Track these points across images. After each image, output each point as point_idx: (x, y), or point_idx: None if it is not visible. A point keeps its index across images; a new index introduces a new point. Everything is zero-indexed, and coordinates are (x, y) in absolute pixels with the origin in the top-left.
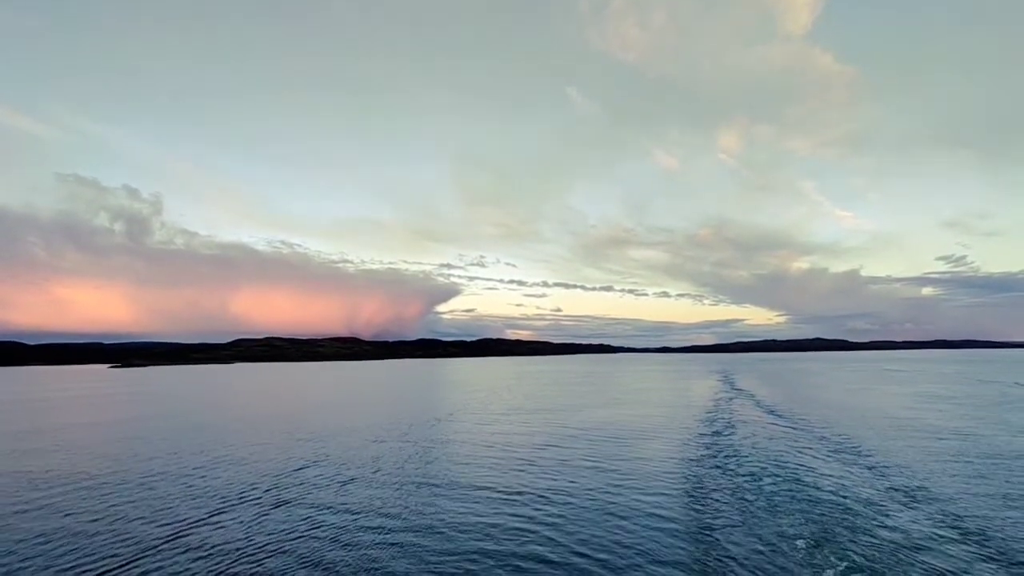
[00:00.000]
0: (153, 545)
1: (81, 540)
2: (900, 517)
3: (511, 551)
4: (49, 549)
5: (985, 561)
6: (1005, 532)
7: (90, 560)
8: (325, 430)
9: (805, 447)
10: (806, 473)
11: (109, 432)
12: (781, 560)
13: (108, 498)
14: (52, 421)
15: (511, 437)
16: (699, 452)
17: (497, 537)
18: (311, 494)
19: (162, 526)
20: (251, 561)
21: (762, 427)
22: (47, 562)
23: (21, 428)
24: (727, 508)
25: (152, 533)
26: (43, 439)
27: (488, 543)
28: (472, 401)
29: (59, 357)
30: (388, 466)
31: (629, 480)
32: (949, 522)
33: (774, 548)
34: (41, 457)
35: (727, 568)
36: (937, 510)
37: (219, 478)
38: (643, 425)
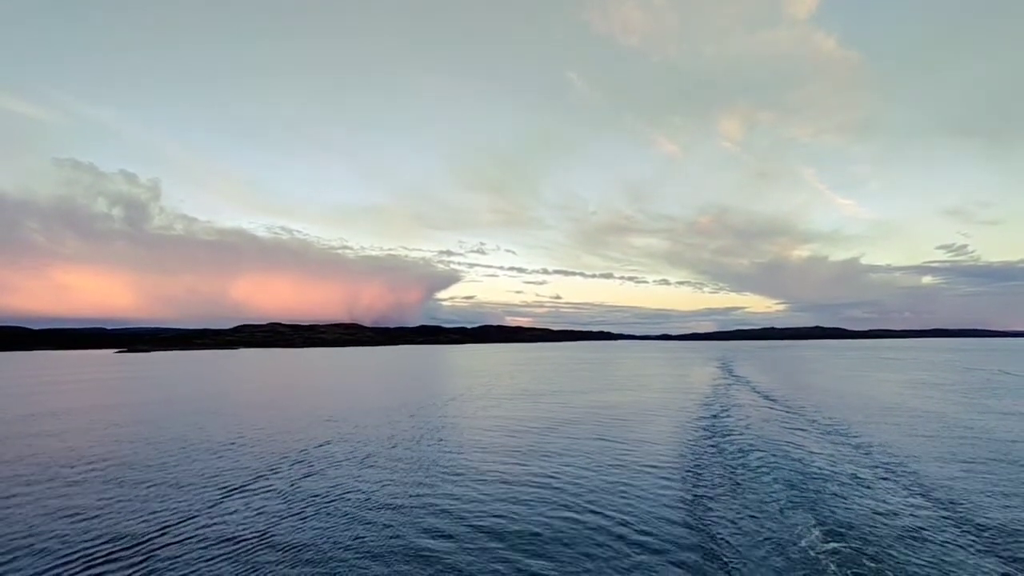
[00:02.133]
0: (186, 517)
1: (109, 516)
2: (878, 488)
3: (518, 529)
4: (80, 526)
5: (952, 524)
6: (970, 499)
7: (117, 535)
8: (337, 412)
9: (797, 429)
10: (796, 451)
11: (133, 414)
12: (773, 528)
13: (137, 476)
14: (81, 403)
15: (515, 420)
16: (697, 434)
17: (506, 515)
18: (332, 469)
19: (191, 502)
20: (279, 533)
21: (757, 410)
22: (78, 536)
23: (56, 408)
24: (723, 485)
25: (180, 508)
26: (77, 419)
27: (497, 520)
28: (475, 385)
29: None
30: (401, 447)
31: (629, 459)
32: (920, 491)
33: (766, 519)
34: (77, 437)
35: (724, 543)
36: (912, 482)
37: (243, 456)
38: (643, 409)
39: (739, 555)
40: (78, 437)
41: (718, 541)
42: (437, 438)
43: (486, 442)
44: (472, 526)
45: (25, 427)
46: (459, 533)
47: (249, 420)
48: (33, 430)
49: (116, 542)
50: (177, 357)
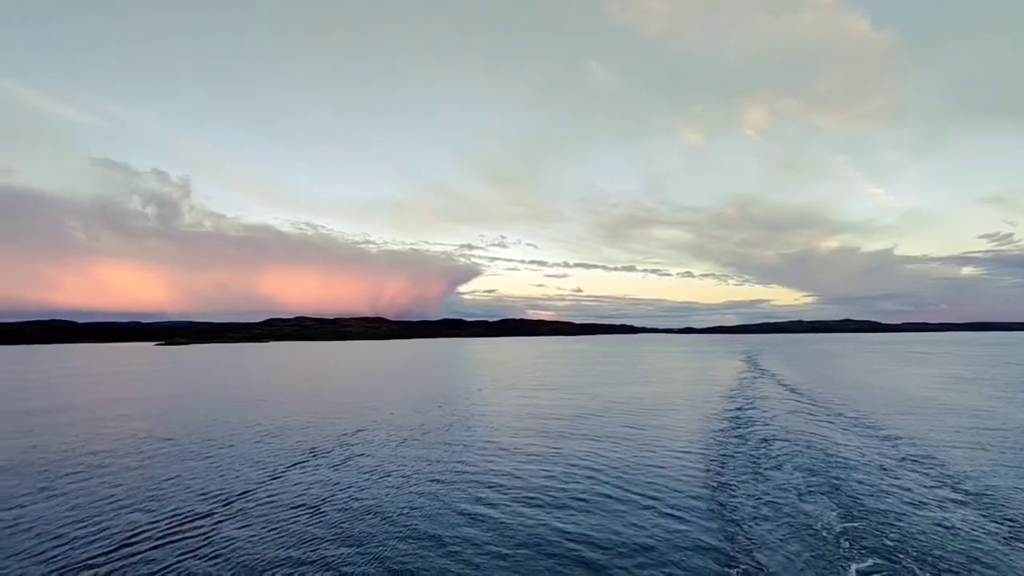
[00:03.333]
0: (245, 492)
1: (181, 489)
2: (906, 479)
3: (549, 512)
4: (157, 497)
5: (981, 516)
6: (1000, 493)
7: (188, 508)
8: (370, 402)
9: (822, 421)
10: (821, 442)
11: (189, 402)
12: (795, 514)
13: (201, 457)
14: (144, 392)
15: (542, 410)
16: (722, 425)
17: (537, 499)
18: (371, 453)
19: (248, 479)
20: (329, 508)
21: (782, 403)
22: (157, 505)
23: (117, 397)
24: (746, 472)
25: (240, 485)
26: (145, 406)
27: (530, 502)
28: (500, 378)
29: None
30: (433, 433)
31: (654, 451)
32: (950, 483)
33: (788, 505)
34: (138, 422)
35: (747, 526)
36: (941, 473)
37: (289, 440)
38: (669, 401)
39: (761, 538)
40: (147, 422)
41: (741, 525)
42: (466, 426)
43: (514, 430)
44: (505, 504)
45: (103, 411)
46: (491, 509)
47: (289, 408)
48: (109, 414)
49: (188, 513)
50: (212, 350)
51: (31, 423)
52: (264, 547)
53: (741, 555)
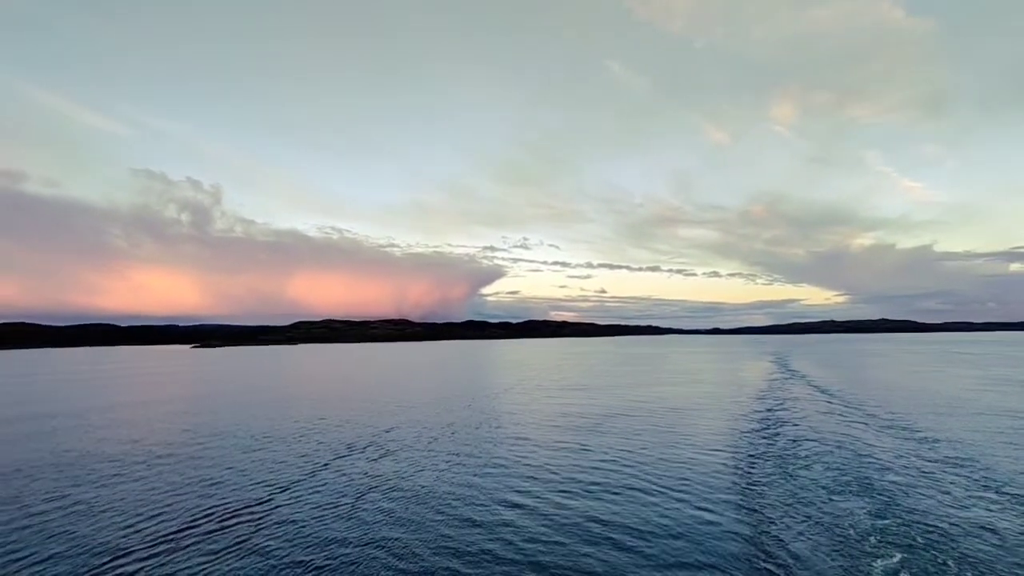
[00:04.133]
0: (286, 488)
1: (227, 484)
2: (945, 481)
3: (578, 508)
4: (205, 493)
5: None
6: None
7: (228, 499)
8: (399, 402)
9: (856, 422)
10: (854, 444)
11: (228, 401)
12: (833, 529)
13: (242, 451)
14: (182, 392)
15: (569, 410)
16: (751, 425)
17: (567, 496)
18: (403, 451)
19: (289, 475)
20: (367, 503)
21: (813, 403)
22: (208, 500)
23: (166, 396)
24: (777, 476)
25: (281, 480)
26: (185, 405)
27: (560, 500)
28: (526, 379)
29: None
30: (462, 432)
31: (683, 450)
32: (994, 486)
33: (821, 510)
34: (189, 419)
35: (779, 531)
36: (984, 476)
37: (324, 438)
38: (696, 402)
39: (790, 534)
40: (197, 419)
41: (771, 522)
42: (495, 425)
43: (543, 429)
44: (538, 497)
45: (157, 409)
46: (526, 501)
47: (324, 407)
48: (162, 412)
49: (244, 500)
50: (245, 352)
51: (97, 420)
52: (314, 533)
53: (770, 550)
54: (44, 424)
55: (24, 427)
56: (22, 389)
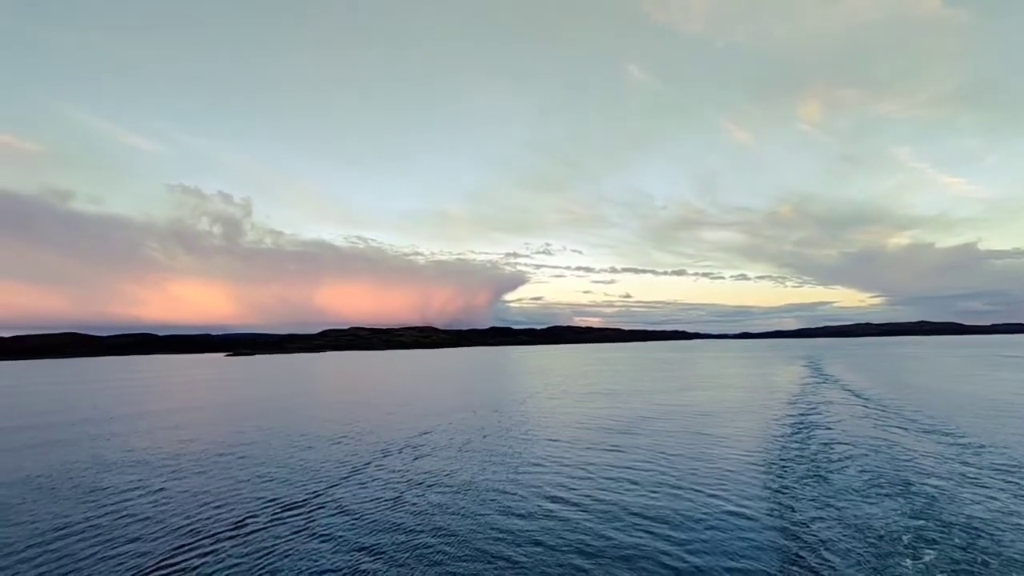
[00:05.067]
0: (329, 487)
1: (264, 484)
2: (993, 490)
3: (611, 510)
4: (238, 493)
5: None
6: None
7: (273, 499)
8: (429, 408)
9: (893, 427)
10: (891, 449)
11: (266, 406)
12: (871, 531)
13: (283, 454)
14: (224, 398)
15: (597, 415)
16: (783, 430)
17: (599, 499)
18: (437, 454)
19: (329, 475)
20: (406, 502)
21: (848, 408)
22: (243, 501)
23: (210, 402)
24: (810, 480)
25: (323, 481)
26: (228, 411)
27: (592, 502)
28: (552, 384)
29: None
30: (492, 436)
31: (713, 453)
32: None
33: (861, 519)
34: (233, 424)
35: (812, 533)
36: None
37: (359, 442)
38: (726, 407)
39: (823, 537)
40: (241, 423)
41: (803, 524)
42: (524, 429)
43: (572, 433)
44: (572, 498)
45: (203, 414)
46: (559, 504)
47: (357, 413)
48: (208, 417)
49: (288, 501)
50: (276, 360)
51: (157, 422)
52: (362, 525)
53: (804, 550)
54: (115, 427)
55: (97, 429)
56: (88, 395)
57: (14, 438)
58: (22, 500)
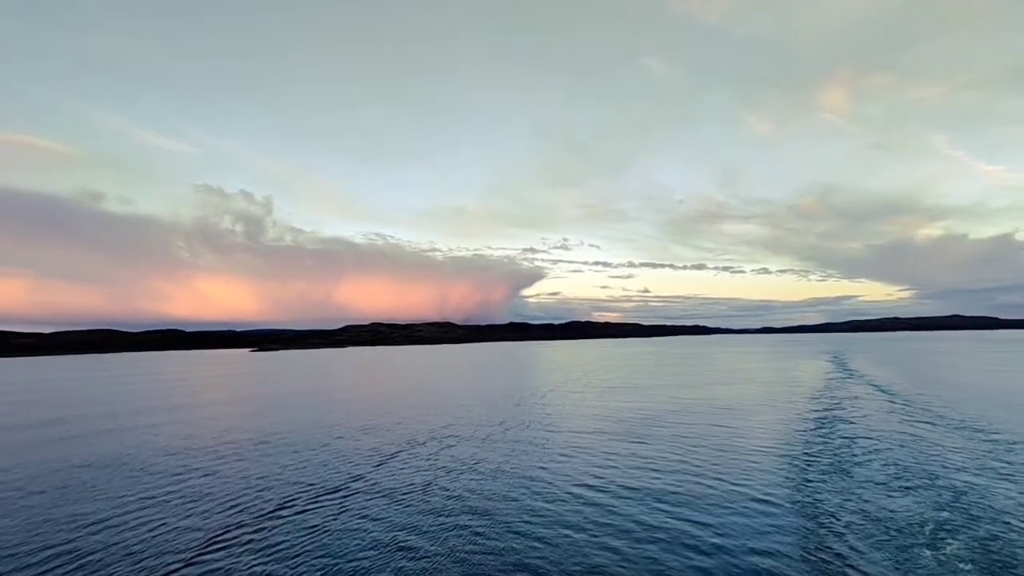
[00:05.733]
0: (359, 476)
1: (298, 474)
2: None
3: (629, 510)
4: (272, 482)
5: None
6: None
7: (306, 489)
8: (452, 401)
9: (922, 423)
10: (919, 444)
11: (294, 400)
12: (892, 531)
13: (314, 445)
14: (254, 391)
15: (618, 409)
16: (807, 425)
17: (621, 493)
18: (461, 445)
19: (359, 464)
20: (436, 490)
21: (873, 404)
22: (275, 489)
23: (242, 395)
24: (836, 476)
25: (353, 469)
26: (259, 404)
27: (613, 495)
28: (571, 379)
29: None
30: (515, 429)
31: (736, 448)
32: None
33: (884, 517)
34: (264, 417)
35: (835, 528)
36: None
37: (387, 433)
38: (748, 402)
39: (847, 532)
40: (271, 416)
41: (829, 517)
42: (545, 423)
43: (593, 427)
44: (593, 492)
45: (235, 408)
46: (582, 496)
47: (382, 406)
48: (240, 411)
49: (321, 488)
50: (300, 355)
51: (193, 415)
52: (391, 513)
53: (827, 542)
54: (157, 417)
55: (142, 419)
56: (128, 389)
57: (70, 427)
58: (83, 482)
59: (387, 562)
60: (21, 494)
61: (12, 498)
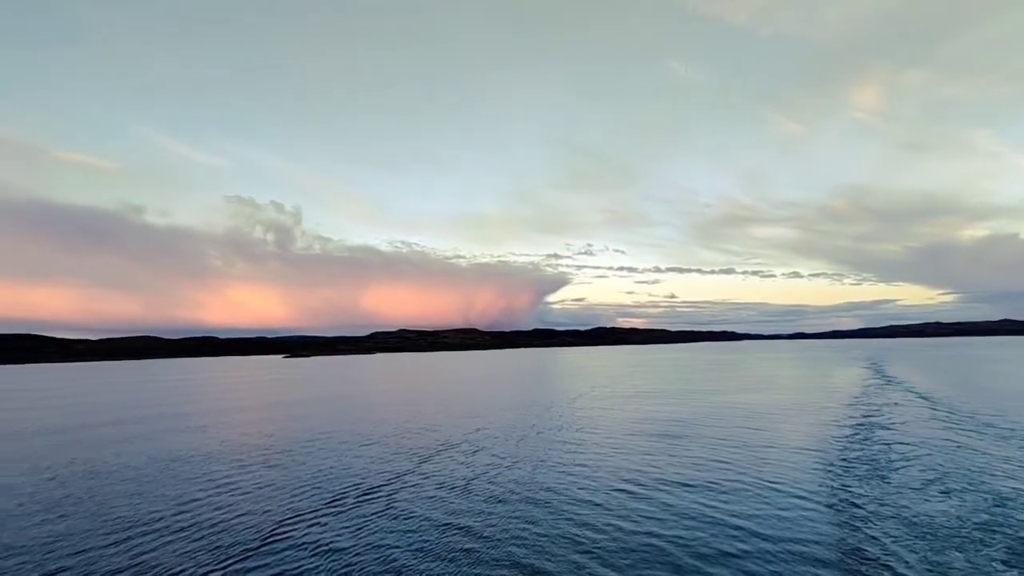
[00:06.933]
0: (399, 475)
1: (340, 472)
2: None
3: (663, 514)
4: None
5: None
6: None
7: (344, 489)
8: (482, 406)
9: (968, 432)
10: (962, 452)
11: (329, 405)
12: (931, 536)
13: (352, 448)
14: (290, 397)
15: (646, 415)
16: (843, 432)
17: (653, 498)
18: (495, 449)
19: (399, 464)
20: (465, 492)
21: (914, 411)
22: (313, 489)
23: (278, 400)
24: (873, 482)
25: (392, 469)
26: (294, 409)
27: (647, 501)
28: (599, 385)
29: (241, 349)
30: (547, 433)
31: (771, 454)
32: None
33: (923, 523)
34: (299, 420)
35: (872, 533)
36: None
37: (420, 437)
38: (782, 409)
39: (883, 538)
40: (308, 421)
41: (864, 522)
42: (576, 427)
43: (625, 431)
44: (627, 496)
45: (272, 412)
46: (616, 499)
47: (414, 410)
48: (277, 414)
49: (366, 486)
50: (331, 361)
51: (240, 418)
52: (434, 511)
53: (864, 545)
54: (206, 420)
55: (192, 422)
56: (174, 393)
57: (126, 429)
58: (142, 481)
59: (439, 552)
60: (88, 490)
61: (80, 494)
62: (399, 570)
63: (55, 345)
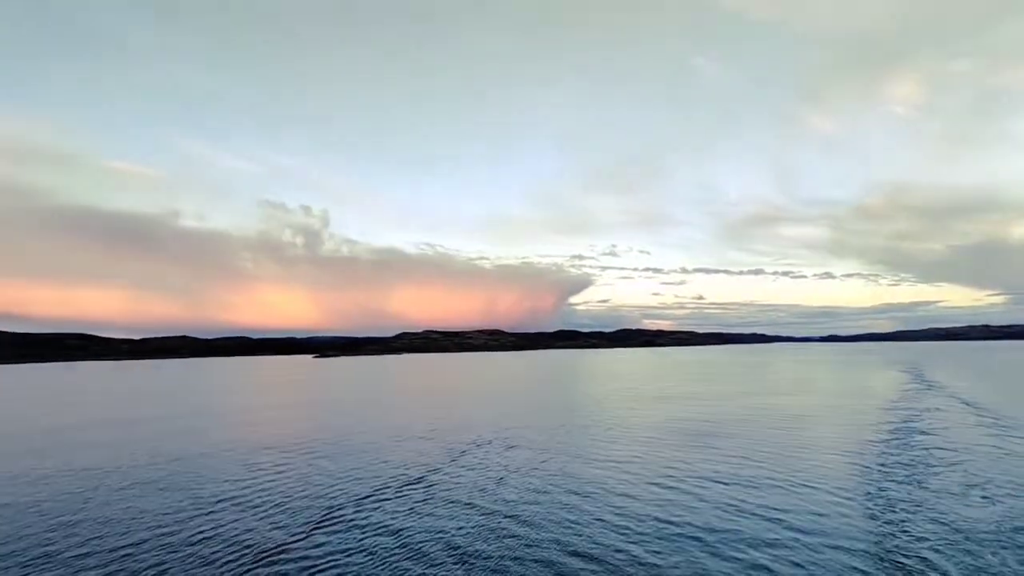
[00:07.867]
0: (433, 470)
1: (378, 466)
2: None
3: (695, 516)
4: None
5: None
6: None
7: (387, 478)
8: (512, 405)
9: (1017, 440)
10: (1007, 462)
11: (361, 403)
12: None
13: (386, 444)
14: (326, 396)
15: (676, 417)
16: (880, 437)
17: (684, 502)
18: (526, 446)
19: (434, 458)
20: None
21: (955, 416)
22: (349, 484)
23: (316, 399)
24: (911, 487)
25: (428, 464)
26: (330, 407)
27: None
28: (626, 387)
29: (272, 349)
30: (576, 432)
31: (805, 457)
32: None
33: (963, 529)
34: (335, 418)
35: (911, 555)
36: None
37: (452, 434)
38: (817, 412)
39: (917, 542)
40: (344, 418)
41: (901, 525)
42: (606, 427)
43: (654, 432)
44: (660, 498)
45: (308, 410)
46: (648, 500)
47: (443, 409)
48: (312, 413)
49: (404, 479)
50: (359, 361)
51: (276, 416)
52: (470, 504)
53: (901, 553)
54: (250, 416)
55: (237, 418)
56: (218, 392)
57: (176, 424)
58: (187, 474)
59: (486, 537)
60: (131, 482)
61: (122, 486)
62: (445, 554)
63: (101, 344)
